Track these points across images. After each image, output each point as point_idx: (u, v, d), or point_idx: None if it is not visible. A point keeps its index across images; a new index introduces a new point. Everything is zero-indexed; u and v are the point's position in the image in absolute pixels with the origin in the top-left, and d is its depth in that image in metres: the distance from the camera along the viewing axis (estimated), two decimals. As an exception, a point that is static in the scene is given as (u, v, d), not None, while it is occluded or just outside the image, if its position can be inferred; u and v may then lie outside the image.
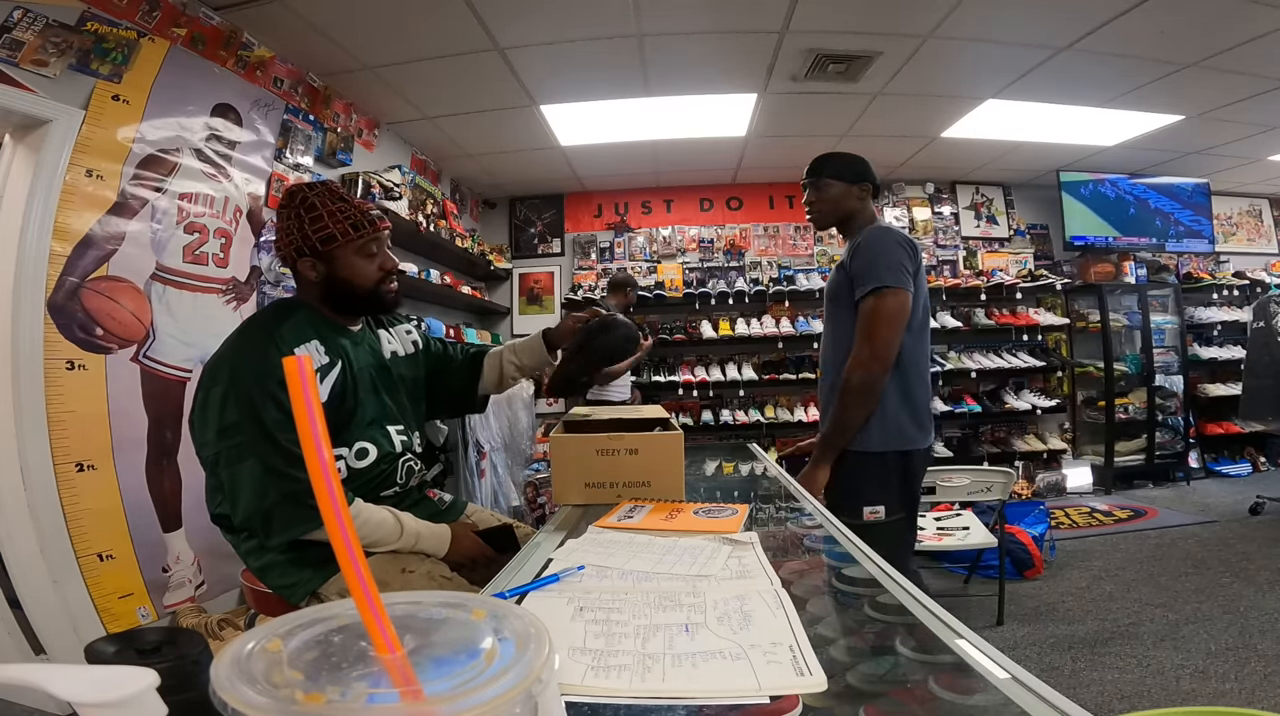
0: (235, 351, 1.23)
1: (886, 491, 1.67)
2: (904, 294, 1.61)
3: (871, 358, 1.61)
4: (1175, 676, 2.12)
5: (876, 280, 1.60)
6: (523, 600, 0.77)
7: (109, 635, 1.84)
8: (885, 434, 1.66)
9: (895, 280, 1.60)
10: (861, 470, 1.67)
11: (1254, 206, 5.88)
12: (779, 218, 5.40)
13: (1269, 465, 5.35)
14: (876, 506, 1.66)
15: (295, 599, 1.25)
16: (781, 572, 0.83)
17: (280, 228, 1.29)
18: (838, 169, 1.77)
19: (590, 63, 3.15)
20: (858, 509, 1.65)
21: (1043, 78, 3.40)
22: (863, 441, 1.67)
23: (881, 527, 1.64)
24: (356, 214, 1.28)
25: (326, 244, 1.26)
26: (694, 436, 4.78)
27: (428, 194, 4.12)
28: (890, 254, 1.62)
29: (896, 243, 1.65)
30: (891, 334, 1.61)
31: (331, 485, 0.30)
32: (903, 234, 1.72)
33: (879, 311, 1.61)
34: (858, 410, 1.63)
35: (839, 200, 1.77)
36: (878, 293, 1.60)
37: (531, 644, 0.31)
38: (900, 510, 1.70)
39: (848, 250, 1.72)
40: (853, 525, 1.55)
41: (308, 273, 1.30)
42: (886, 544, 1.55)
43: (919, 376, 1.72)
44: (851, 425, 1.65)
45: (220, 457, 1.18)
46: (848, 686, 0.60)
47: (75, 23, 2.01)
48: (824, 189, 1.77)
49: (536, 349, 1.59)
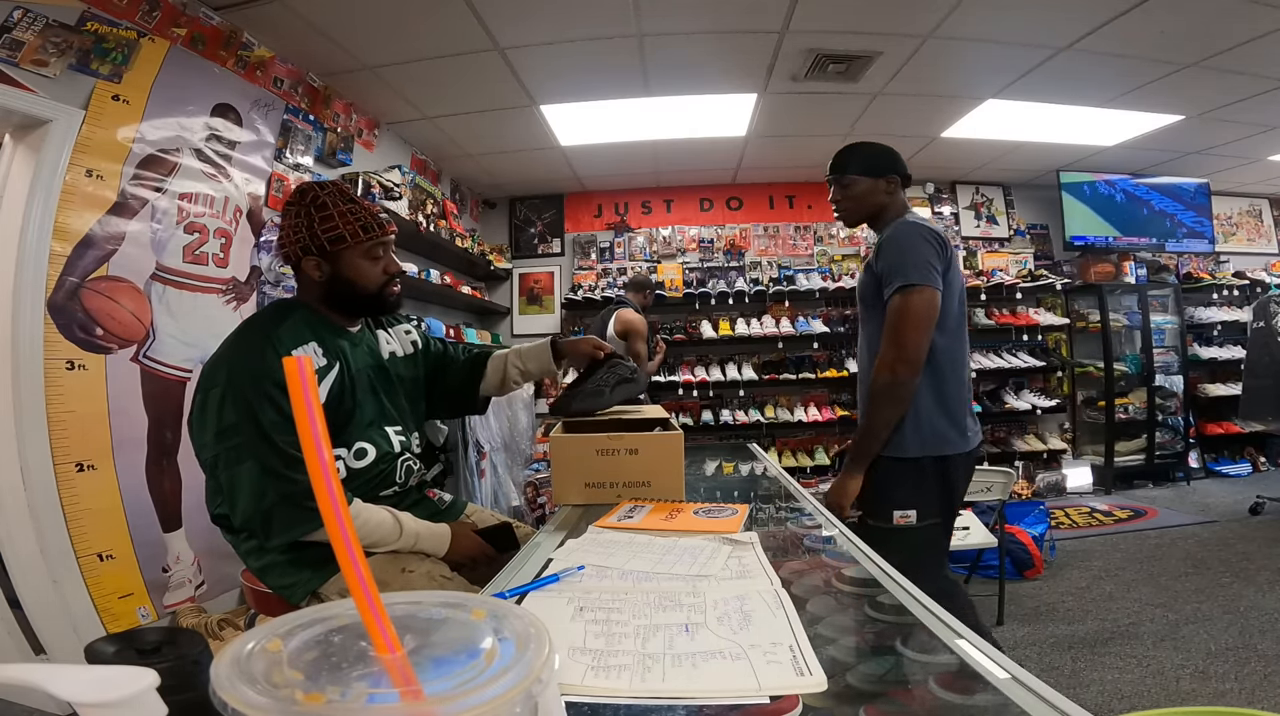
0: (233, 353, 1.23)
1: (921, 496, 1.59)
2: (931, 292, 1.52)
3: (898, 359, 1.53)
4: (1175, 676, 2.12)
5: (902, 278, 1.53)
6: (523, 600, 0.77)
7: (109, 635, 1.84)
8: (920, 437, 1.58)
9: (922, 278, 1.52)
10: (894, 475, 1.59)
11: (1254, 206, 5.88)
12: (779, 218, 5.40)
13: (1269, 465, 5.35)
14: (908, 510, 1.58)
15: (295, 599, 1.25)
16: (781, 572, 0.83)
17: (287, 225, 1.29)
18: (862, 163, 1.69)
19: (590, 63, 3.15)
20: (888, 513, 1.58)
21: (1043, 78, 3.40)
22: (896, 446, 1.59)
23: (911, 532, 1.57)
24: (366, 216, 1.29)
25: (335, 244, 1.26)
26: (694, 436, 4.78)
27: (428, 194, 4.12)
28: (916, 250, 1.54)
29: (923, 238, 1.56)
30: (919, 334, 1.52)
31: (331, 485, 0.30)
32: (932, 227, 1.61)
33: (906, 311, 1.52)
34: (886, 414, 1.56)
35: (866, 196, 1.68)
36: (904, 291, 1.53)
37: (531, 644, 0.31)
38: (935, 515, 1.61)
39: (875, 248, 1.66)
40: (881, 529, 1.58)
41: (312, 272, 1.29)
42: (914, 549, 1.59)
43: (955, 377, 1.63)
44: (881, 430, 1.57)
45: (219, 459, 1.18)
46: (848, 686, 0.60)
47: (75, 23, 2.01)
48: (849, 185, 1.69)
49: (543, 357, 1.59)
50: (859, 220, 1.73)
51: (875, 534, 1.56)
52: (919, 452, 1.58)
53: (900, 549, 1.51)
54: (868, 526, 1.61)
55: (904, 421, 1.58)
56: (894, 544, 1.47)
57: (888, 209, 1.70)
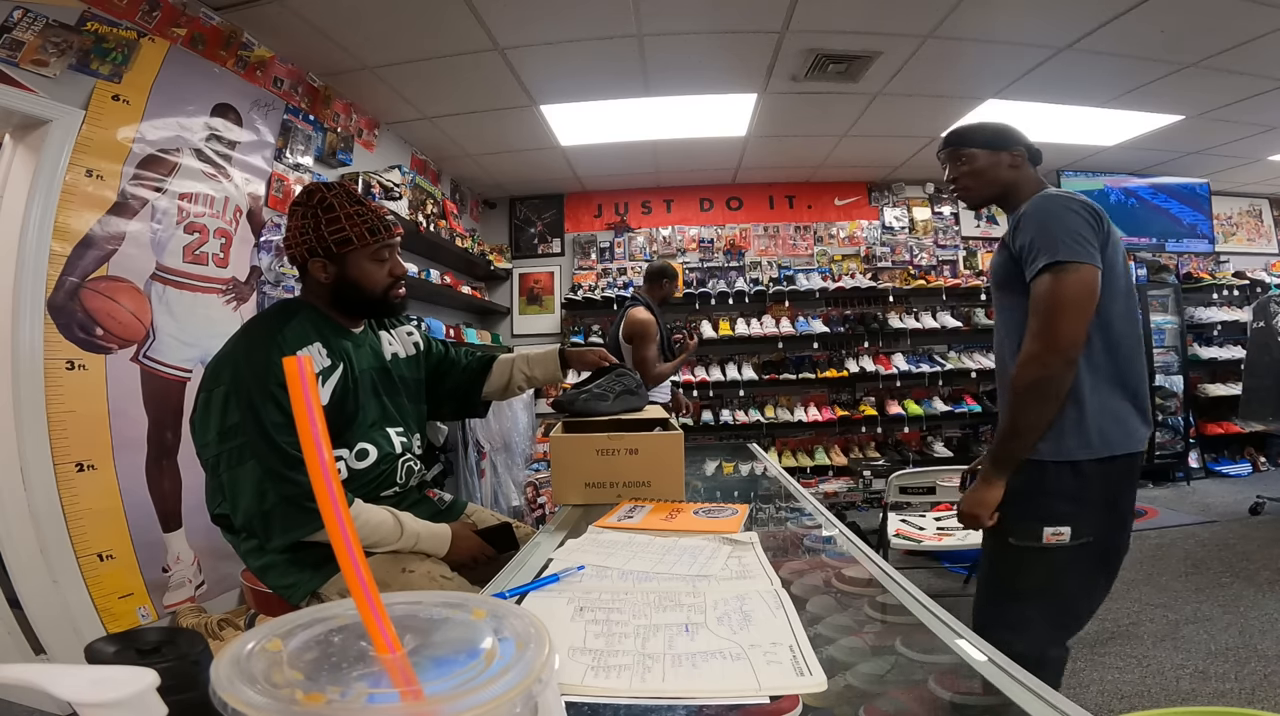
0: (237, 352, 1.23)
1: (1081, 507, 1.32)
2: (1089, 270, 1.26)
3: (1047, 349, 1.27)
4: (1175, 676, 2.12)
5: (1049, 255, 1.27)
6: (523, 600, 0.77)
7: (109, 635, 1.84)
8: (1082, 436, 1.32)
9: (1073, 253, 1.26)
10: (1047, 481, 1.33)
11: (1254, 206, 5.88)
12: (779, 218, 5.40)
13: (1269, 465, 5.35)
14: (1062, 527, 1.31)
15: (295, 599, 1.25)
16: (781, 572, 0.83)
17: (294, 226, 1.29)
18: (981, 136, 1.48)
19: (590, 63, 3.15)
20: (1036, 530, 1.32)
21: (1043, 78, 3.39)
22: (1052, 448, 1.33)
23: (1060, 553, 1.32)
24: (373, 219, 1.29)
25: (341, 247, 1.27)
26: (694, 436, 4.78)
27: (428, 194, 4.12)
28: (1064, 220, 1.29)
29: (1071, 209, 1.31)
30: (1074, 321, 1.26)
31: (331, 486, 0.30)
32: (1082, 199, 1.35)
33: (1057, 294, 1.26)
34: (1033, 414, 1.30)
35: (988, 170, 1.47)
36: (1053, 270, 1.27)
37: (531, 644, 0.31)
38: (1092, 532, 1.33)
39: (1012, 223, 1.41)
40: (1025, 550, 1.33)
41: (318, 273, 1.30)
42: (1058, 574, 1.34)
43: (1127, 360, 1.36)
44: (1027, 432, 1.31)
45: (221, 459, 1.18)
46: (848, 686, 0.60)
47: (75, 23, 2.01)
48: (968, 160, 1.48)
49: (551, 365, 1.61)
50: (983, 199, 1.51)
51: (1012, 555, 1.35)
52: (1082, 454, 1.32)
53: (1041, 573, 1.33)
54: (1008, 546, 1.36)
55: (1063, 415, 1.32)
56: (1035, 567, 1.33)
57: (1018, 186, 1.47)
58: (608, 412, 1.50)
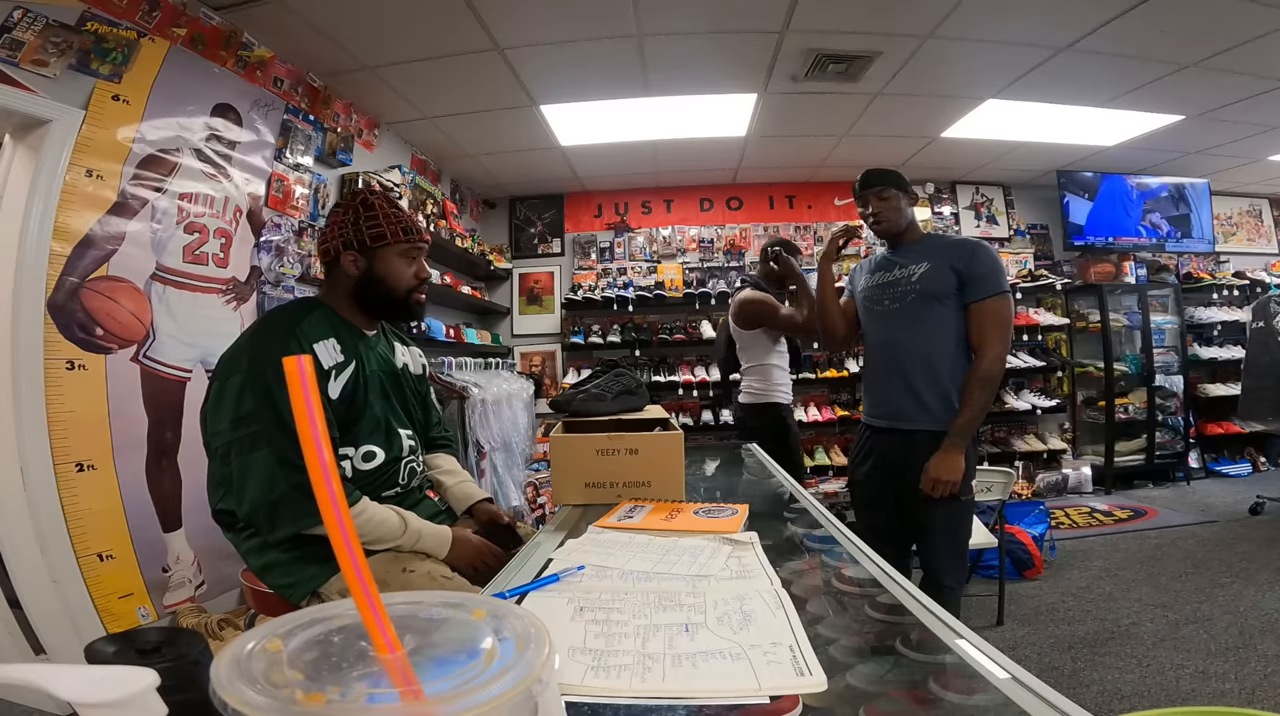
0: (256, 342, 1.25)
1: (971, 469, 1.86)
2: None
3: (1004, 352, 1.81)
4: (1175, 676, 2.12)
5: (998, 286, 1.81)
6: (523, 600, 0.77)
7: (109, 635, 1.84)
8: None
9: (1007, 286, 1.86)
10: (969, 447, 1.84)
11: (1254, 206, 5.88)
12: (779, 218, 5.40)
13: (1269, 465, 5.35)
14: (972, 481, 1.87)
15: (296, 598, 1.25)
16: (781, 572, 0.83)
17: (334, 221, 1.36)
18: (895, 180, 1.93)
19: (590, 63, 3.15)
20: (970, 487, 1.85)
21: (1043, 78, 3.39)
22: None
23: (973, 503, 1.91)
24: (408, 221, 1.38)
25: (375, 240, 1.34)
26: (694, 436, 4.78)
27: (428, 194, 4.12)
28: (1000, 261, 1.90)
29: None
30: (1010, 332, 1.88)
31: (331, 486, 0.30)
32: None
33: (1006, 313, 1.82)
34: (989, 398, 1.82)
35: (903, 208, 1.93)
36: (1001, 296, 1.81)
37: (531, 644, 0.31)
38: None
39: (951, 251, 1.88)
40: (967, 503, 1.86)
41: (349, 266, 1.35)
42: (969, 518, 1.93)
43: None
44: (984, 412, 1.83)
45: (232, 447, 1.19)
46: (848, 686, 0.60)
47: (75, 23, 2.01)
48: (890, 198, 1.92)
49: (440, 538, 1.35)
50: (897, 230, 1.94)
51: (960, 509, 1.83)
52: None
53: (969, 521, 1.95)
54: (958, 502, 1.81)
55: None
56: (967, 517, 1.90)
57: (913, 221, 1.97)
58: (606, 412, 1.51)
